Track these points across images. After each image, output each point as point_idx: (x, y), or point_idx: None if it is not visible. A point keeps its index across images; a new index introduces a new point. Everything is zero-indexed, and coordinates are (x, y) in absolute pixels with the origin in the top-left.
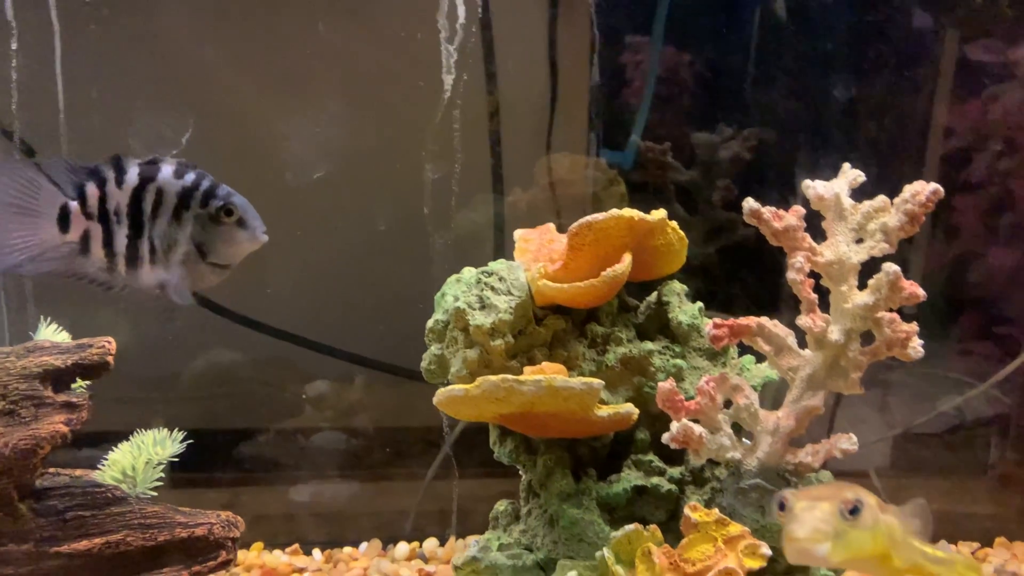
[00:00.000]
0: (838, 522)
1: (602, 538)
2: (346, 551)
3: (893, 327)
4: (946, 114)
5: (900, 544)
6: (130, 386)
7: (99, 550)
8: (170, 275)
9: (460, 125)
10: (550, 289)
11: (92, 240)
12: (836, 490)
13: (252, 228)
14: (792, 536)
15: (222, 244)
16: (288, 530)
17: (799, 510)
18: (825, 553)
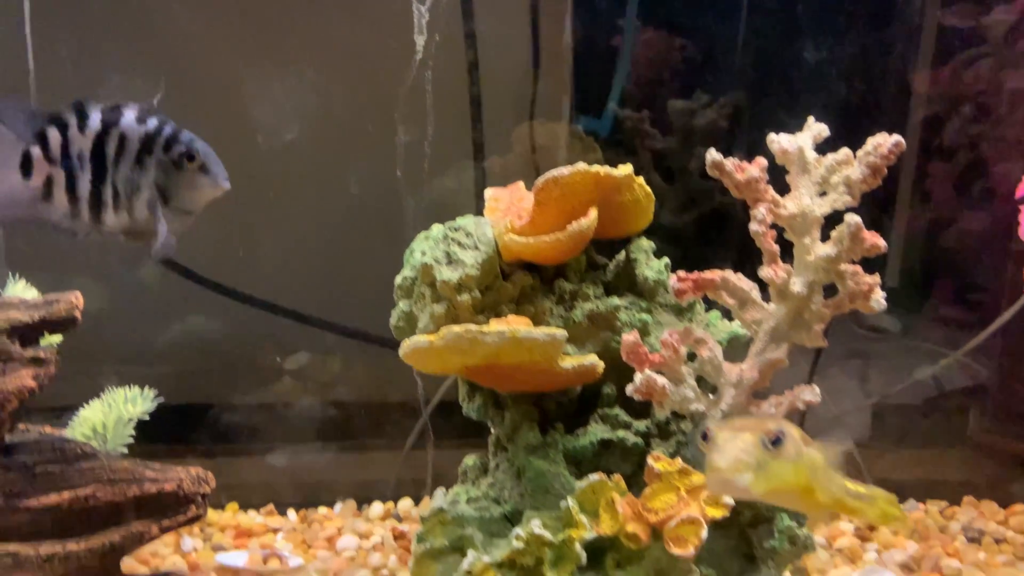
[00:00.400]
0: (760, 453)
1: (568, 489)
2: (321, 511)
3: (856, 279)
4: (922, 79)
5: (822, 478)
6: (105, 356)
7: (68, 504)
8: (133, 221)
9: (435, 90)
10: (516, 244)
11: (55, 186)
12: (759, 421)
13: (214, 175)
14: (714, 466)
15: (184, 190)
16: (264, 496)
17: (721, 441)
18: (747, 483)
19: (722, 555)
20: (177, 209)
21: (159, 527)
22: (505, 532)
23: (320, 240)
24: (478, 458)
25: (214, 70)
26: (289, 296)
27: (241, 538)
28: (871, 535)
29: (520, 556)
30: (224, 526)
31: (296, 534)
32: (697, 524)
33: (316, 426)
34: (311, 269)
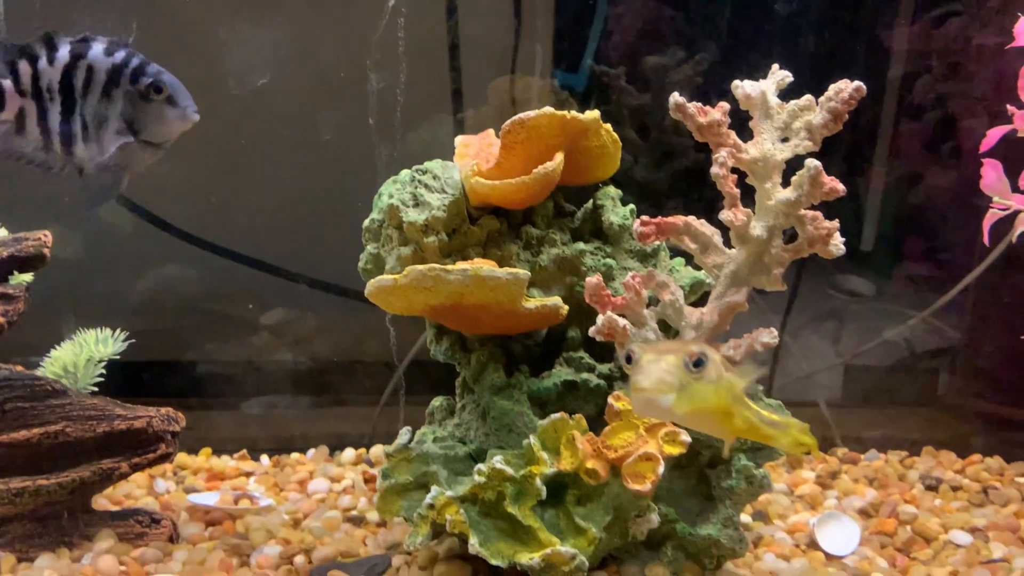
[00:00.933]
0: (683, 374)
1: (531, 429)
2: (293, 456)
3: (815, 224)
4: (892, 36)
5: (740, 402)
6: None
7: (38, 439)
8: (103, 152)
9: (412, 39)
10: (482, 187)
11: (27, 118)
12: (681, 344)
13: (183, 107)
14: (638, 387)
15: (152, 122)
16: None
17: (645, 362)
18: (669, 404)
19: (681, 495)
20: (145, 142)
21: (128, 464)
22: (469, 470)
23: (292, 189)
24: (445, 400)
25: (185, 14)
26: (263, 248)
27: (213, 481)
28: (832, 483)
29: (482, 490)
30: (197, 469)
31: (268, 478)
32: (654, 461)
33: (292, 380)
34: (283, 219)
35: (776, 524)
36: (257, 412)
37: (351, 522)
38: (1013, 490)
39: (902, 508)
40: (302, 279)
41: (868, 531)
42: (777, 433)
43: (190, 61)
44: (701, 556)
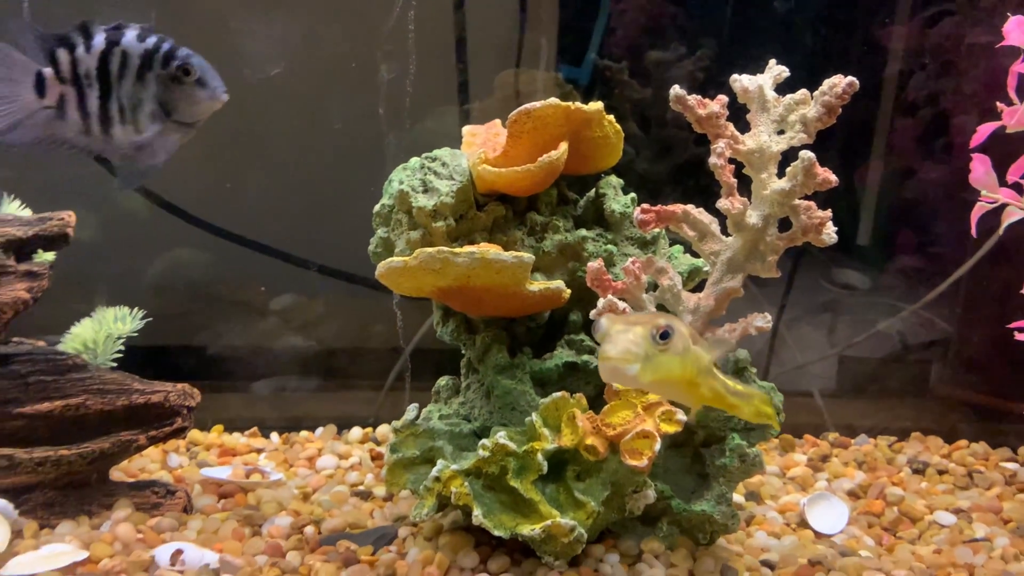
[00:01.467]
0: (648, 345)
1: (533, 407)
2: (302, 434)
3: (809, 213)
4: (889, 34)
5: (706, 373)
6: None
7: (59, 412)
8: (139, 134)
9: (420, 31)
10: (489, 174)
11: (68, 104)
12: (651, 317)
13: (212, 88)
14: (605, 355)
15: (183, 103)
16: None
17: (614, 332)
18: (634, 373)
19: (677, 473)
20: (178, 122)
21: (146, 437)
22: (473, 447)
23: (304, 177)
24: (450, 380)
25: (202, 5)
26: (274, 234)
27: (225, 456)
28: (823, 466)
29: (486, 464)
30: (209, 445)
31: (278, 454)
32: (651, 438)
33: (301, 363)
34: (293, 206)
35: (768, 504)
36: (267, 393)
37: (358, 496)
38: (997, 474)
39: (890, 490)
40: (312, 265)
41: (856, 511)
42: (741, 403)
43: (206, 51)
44: (695, 531)
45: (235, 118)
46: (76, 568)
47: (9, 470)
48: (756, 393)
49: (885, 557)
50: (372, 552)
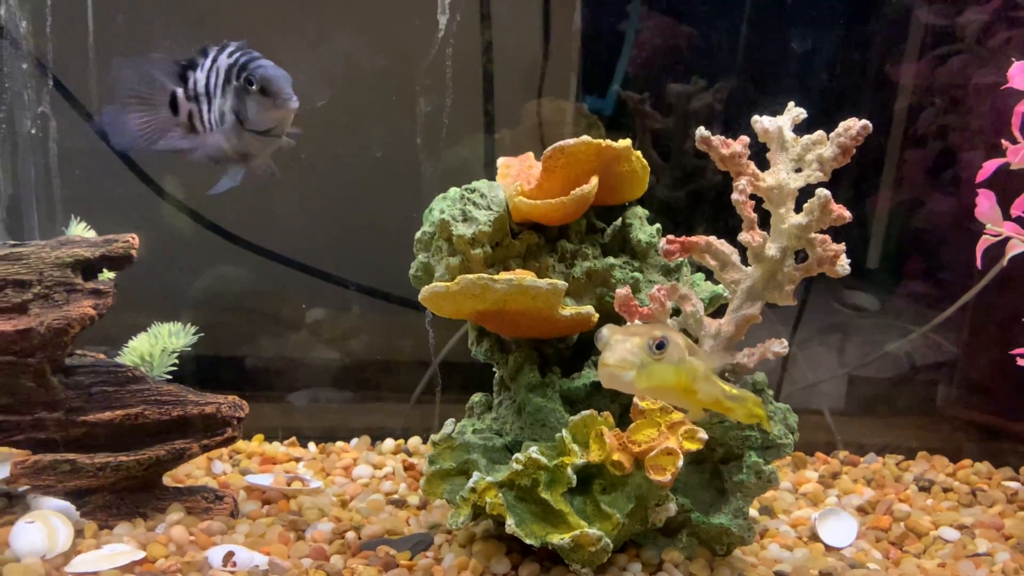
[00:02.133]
0: (644, 355)
1: (562, 424)
2: (338, 444)
3: (824, 246)
4: (900, 71)
5: (702, 381)
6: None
7: (120, 421)
8: (226, 143)
9: (452, 66)
10: (525, 205)
11: (194, 119)
12: (649, 328)
13: (277, 96)
14: (604, 362)
15: (251, 112)
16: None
17: (613, 342)
18: (630, 379)
19: (696, 488)
20: (252, 131)
21: (199, 445)
22: (506, 460)
23: (345, 202)
24: (483, 396)
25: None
26: (315, 255)
27: (266, 464)
28: (833, 483)
29: (518, 477)
30: (251, 453)
31: (315, 463)
32: (674, 454)
33: (335, 376)
34: (335, 228)
35: (780, 518)
36: (303, 404)
37: (393, 504)
38: (999, 492)
39: (897, 506)
40: (350, 284)
41: (865, 526)
42: (735, 405)
43: None
44: (713, 543)
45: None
46: (135, 567)
47: (72, 474)
48: (749, 396)
49: (892, 570)
50: (410, 557)
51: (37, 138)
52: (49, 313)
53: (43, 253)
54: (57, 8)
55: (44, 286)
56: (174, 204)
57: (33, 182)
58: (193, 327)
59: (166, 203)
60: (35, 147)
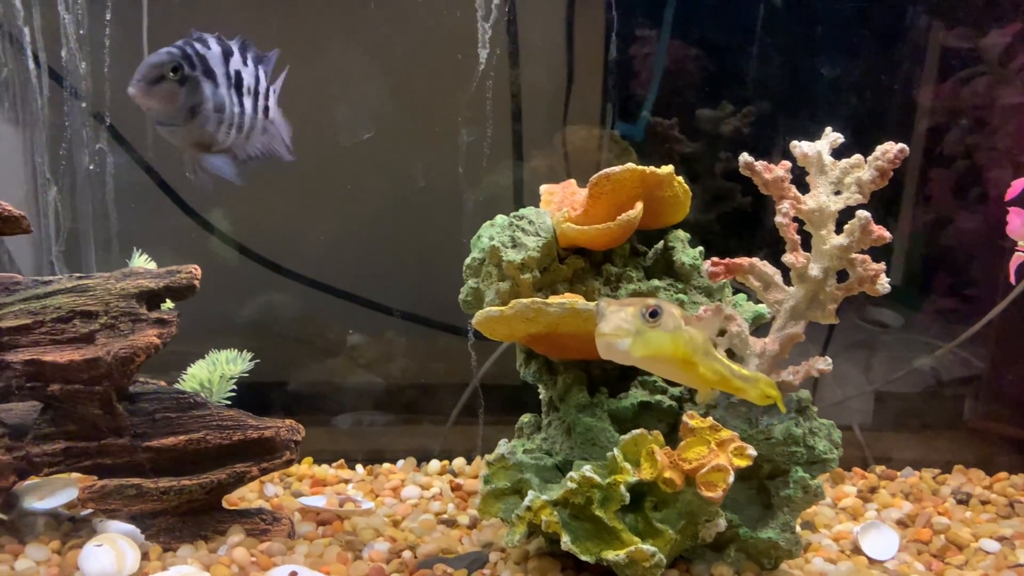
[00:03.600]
0: (639, 323)
1: (612, 443)
2: (385, 466)
3: (865, 266)
4: (925, 94)
5: (703, 353)
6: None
7: (183, 446)
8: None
9: (487, 98)
10: (572, 231)
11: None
12: (643, 299)
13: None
14: (599, 332)
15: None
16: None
17: (608, 312)
18: (626, 348)
19: (743, 503)
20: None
21: (259, 468)
22: (557, 479)
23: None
24: (533, 417)
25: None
26: (360, 282)
27: (317, 486)
28: (871, 497)
29: (573, 495)
30: (301, 476)
31: (364, 484)
32: (725, 471)
33: (377, 398)
34: (379, 255)
35: (822, 532)
36: (348, 426)
37: (444, 524)
38: None
39: (936, 519)
40: (395, 311)
41: (906, 539)
42: (746, 386)
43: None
44: (760, 557)
45: (330, 178)
46: None
47: (137, 498)
48: (761, 377)
49: None
50: (467, 575)
51: (95, 173)
52: (115, 343)
53: (109, 284)
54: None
55: (110, 316)
56: (221, 237)
57: (91, 216)
58: (250, 354)
59: (214, 236)
60: (93, 182)
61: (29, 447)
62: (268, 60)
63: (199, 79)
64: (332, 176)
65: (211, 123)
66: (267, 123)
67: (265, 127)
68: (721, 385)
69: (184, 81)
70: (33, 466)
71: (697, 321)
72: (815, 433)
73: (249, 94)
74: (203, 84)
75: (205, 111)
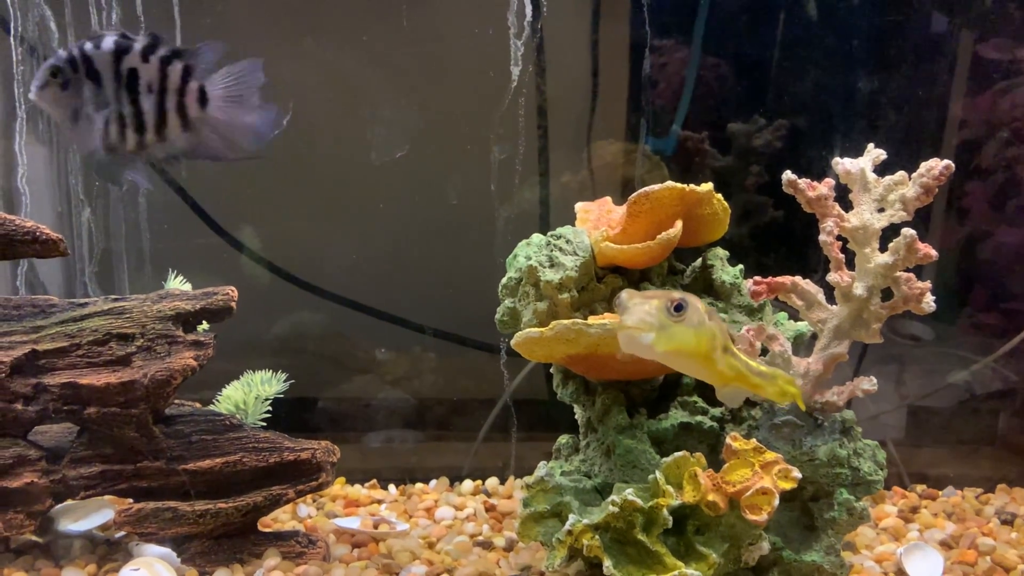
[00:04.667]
0: (663, 317)
1: (653, 465)
2: (418, 486)
3: (910, 284)
4: (960, 106)
5: (723, 350)
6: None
7: (219, 468)
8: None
9: (519, 115)
10: (611, 250)
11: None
12: (666, 292)
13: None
14: (622, 325)
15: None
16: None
17: (632, 305)
18: (649, 342)
19: (786, 525)
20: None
21: (294, 491)
22: (596, 502)
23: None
24: (570, 438)
25: (335, 97)
26: (393, 301)
27: (350, 507)
28: (913, 517)
29: (614, 519)
30: (334, 496)
31: (398, 505)
32: (770, 494)
33: (408, 417)
34: (411, 274)
35: (864, 554)
36: (379, 445)
37: (480, 546)
38: None
39: (981, 540)
40: (427, 330)
41: (950, 561)
42: (764, 383)
43: (339, 134)
44: None
45: (364, 197)
46: None
47: (173, 521)
48: (780, 374)
49: None
50: None
51: (127, 194)
52: (152, 365)
53: (145, 307)
54: None
55: (147, 339)
56: (251, 256)
57: (124, 236)
58: (284, 374)
59: (244, 254)
60: (126, 202)
61: (66, 470)
62: (197, 54)
63: (81, 80)
64: (365, 194)
65: (98, 123)
66: (198, 120)
67: (194, 124)
68: (739, 381)
69: (66, 84)
70: (69, 489)
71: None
72: (860, 454)
73: (151, 92)
74: (84, 86)
75: (87, 113)
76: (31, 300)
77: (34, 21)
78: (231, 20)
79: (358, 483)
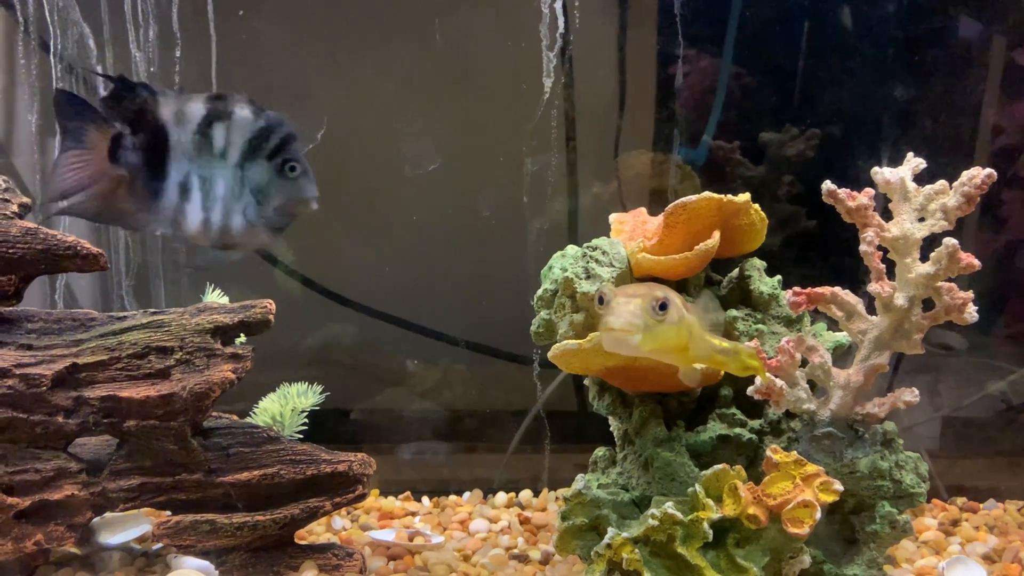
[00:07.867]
0: (648, 318)
1: (692, 478)
2: (451, 499)
3: (951, 294)
4: (994, 114)
5: (697, 338)
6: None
7: (257, 481)
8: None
9: (551, 127)
10: (648, 261)
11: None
12: (648, 288)
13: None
14: (609, 326)
15: (281, 198)
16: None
17: (616, 304)
18: (637, 343)
19: (826, 539)
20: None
21: (331, 503)
22: (634, 515)
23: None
24: (607, 450)
25: (368, 109)
26: (426, 313)
27: (384, 520)
28: (954, 530)
29: (654, 533)
30: (369, 509)
31: (432, 517)
32: (812, 507)
33: (443, 429)
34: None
35: (904, 567)
36: (412, 457)
37: (516, 559)
38: None
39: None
40: (460, 342)
41: (994, 575)
42: (728, 360)
43: (373, 148)
44: None
45: (397, 209)
46: None
47: (211, 534)
48: (742, 348)
49: None
50: None
51: None
52: (191, 378)
53: (183, 320)
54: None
55: (185, 352)
56: (284, 269)
57: (160, 250)
58: (319, 386)
59: (277, 268)
60: None
61: (105, 483)
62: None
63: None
64: (397, 207)
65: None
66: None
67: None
68: (706, 361)
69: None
70: (109, 502)
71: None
72: (901, 466)
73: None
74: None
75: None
76: (71, 314)
77: (72, 39)
78: (266, 36)
79: (392, 495)
